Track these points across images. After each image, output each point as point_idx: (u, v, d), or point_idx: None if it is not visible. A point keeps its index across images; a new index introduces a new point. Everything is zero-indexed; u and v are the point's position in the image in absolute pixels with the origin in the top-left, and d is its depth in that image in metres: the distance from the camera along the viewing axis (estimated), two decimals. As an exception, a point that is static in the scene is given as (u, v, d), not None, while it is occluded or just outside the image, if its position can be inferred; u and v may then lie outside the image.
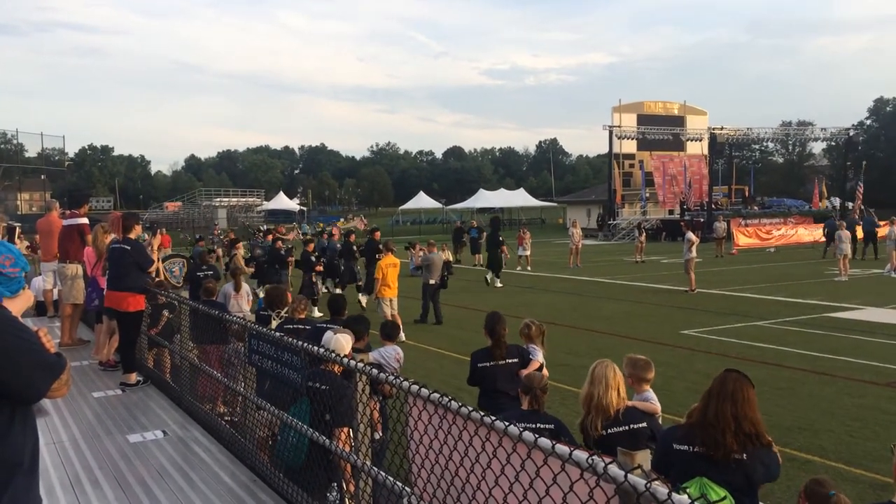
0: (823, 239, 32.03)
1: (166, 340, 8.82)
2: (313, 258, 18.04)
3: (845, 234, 23.12)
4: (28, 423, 2.34)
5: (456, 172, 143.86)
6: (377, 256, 16.40)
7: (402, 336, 12.20)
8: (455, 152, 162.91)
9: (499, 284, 22.72)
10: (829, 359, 11.51)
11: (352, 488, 4.53)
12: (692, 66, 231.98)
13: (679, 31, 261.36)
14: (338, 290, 18.85)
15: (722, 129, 47.55)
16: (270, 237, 22.04)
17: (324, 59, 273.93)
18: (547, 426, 4.51)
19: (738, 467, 3.53)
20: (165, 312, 9.45)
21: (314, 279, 18.08)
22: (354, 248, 19.90)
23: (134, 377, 8.40)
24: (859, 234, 30.19)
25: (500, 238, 23.49)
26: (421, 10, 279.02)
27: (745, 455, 3.53)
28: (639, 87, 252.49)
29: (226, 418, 6.67)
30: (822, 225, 34.57)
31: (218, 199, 79.13)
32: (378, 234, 19.85)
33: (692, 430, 3.67)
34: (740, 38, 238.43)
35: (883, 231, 27.90)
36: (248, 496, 5.18)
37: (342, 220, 79.48)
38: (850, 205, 50.49)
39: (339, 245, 20.90)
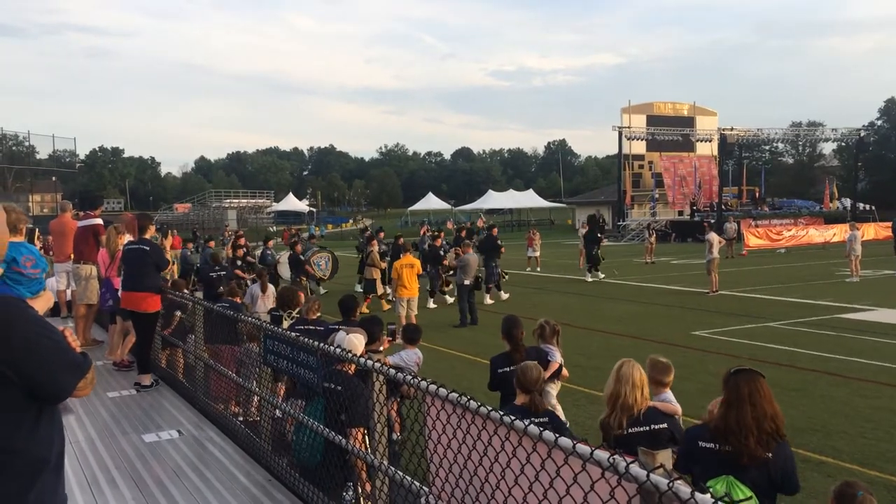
0: (892, 236, 32.47)
1: (179, 340, 8.88)
2: (441, 252, 19.37)
3: (857, 234, 23.00)
4: (55, 421, 2.36)
5: (465, 173, 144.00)
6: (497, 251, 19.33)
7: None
8: (463, 153, 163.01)
9: (602, 276, 23.85)
10: (842, 360, 11.47)
11: (367, 488, 4.56)
12: (701, 67, 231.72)
13: (687, 31, 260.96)
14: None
15: (732, 129, 47.35)
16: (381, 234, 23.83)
17: (331, 61, 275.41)
18: (541, 420, 4.50)
19: (763, 467, 3.56)
20: (178, 312, 9.51)
21: (440, 272, 19.29)
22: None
23: (149, 378, 8.44)
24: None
25: (600, 235, 24.58)
26: (428, 12, 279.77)
27: (770, 454, 3.56)
28: (647, 87, 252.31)
29: (240, 419, 6.70)
30: (890, 224, 35.00)
31: (228, 201, 79.51)
32: (496, 230, 21.24)
33: (716, 431, 3.69)
34: (749, 39, 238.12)
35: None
36: (263, 496, 5.21)
37: (351, 220, 79.68)
38: (863, 206, 50.30)
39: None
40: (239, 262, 17.72)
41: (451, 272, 18.50)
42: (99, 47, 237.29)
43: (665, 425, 4.50)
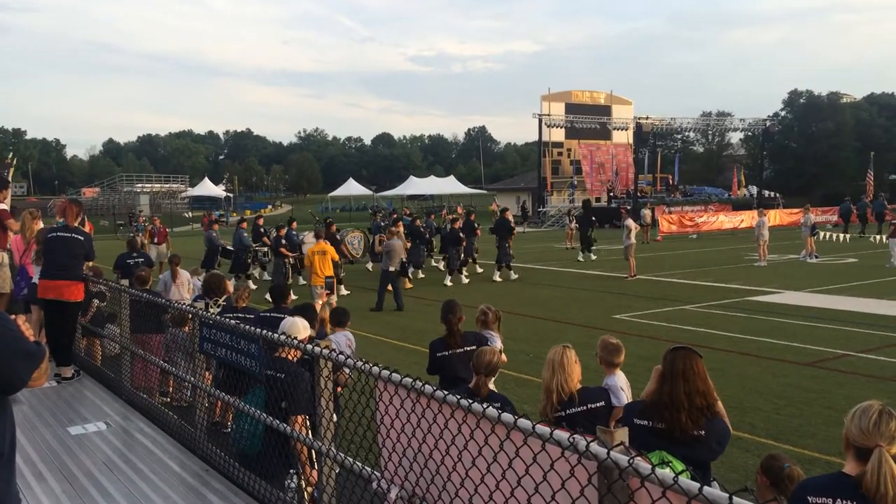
0: (840, 221, 35.82)
1: (95, 329, 8.63)
2: (461, 234, 20.73)
3: (765, 220, 24.07)
4: (6, 412, 2.29)
5: (385, 159, 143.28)
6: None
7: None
8: (384, 139, 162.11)
9: (593, 257, 25.89)
10: (754, 340, 12.04)
11: (312, 474, 4.55)
12: (617, 57, 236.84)
13: (603, 20, 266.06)
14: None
15: (647, 118, 48.69)
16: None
17: (248, 43, 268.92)
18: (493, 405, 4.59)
19: (695, 443, 3.72)
20: (95, 301, 9.20)
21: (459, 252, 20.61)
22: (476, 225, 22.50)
23: (70, 370, 8.14)
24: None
25: (592, 218, 27.07)
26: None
27: (703, 432, 3.73)
28: (565, 76, 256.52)
29: (173, 405, 6.57)
30: (837, 209, 38.10)
31: (140, 185, 76.73)
32: (509, 213, 22.91)
33: (651, 406, 3.86)
34: (662, 30, 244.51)
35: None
36: (200, 485, 5.13)
37: (270, 206, 78.17)
38: (768, 193, 52.56)
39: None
40: (283, 241, 18.25)
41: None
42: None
43: (602, 403, 4.65)
